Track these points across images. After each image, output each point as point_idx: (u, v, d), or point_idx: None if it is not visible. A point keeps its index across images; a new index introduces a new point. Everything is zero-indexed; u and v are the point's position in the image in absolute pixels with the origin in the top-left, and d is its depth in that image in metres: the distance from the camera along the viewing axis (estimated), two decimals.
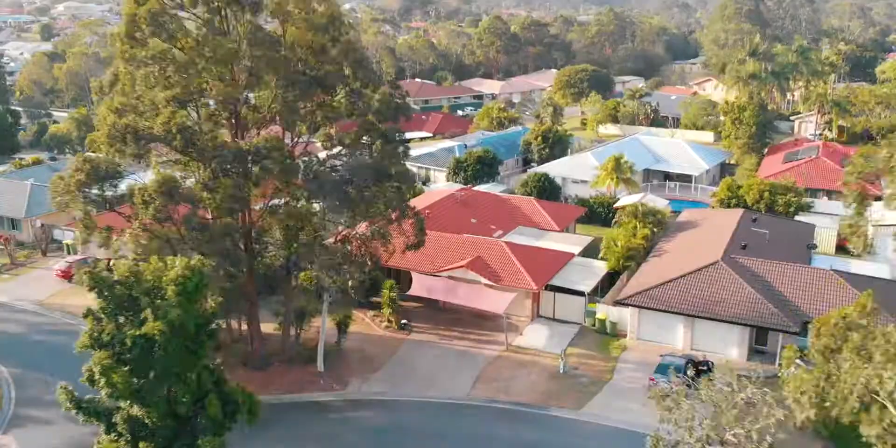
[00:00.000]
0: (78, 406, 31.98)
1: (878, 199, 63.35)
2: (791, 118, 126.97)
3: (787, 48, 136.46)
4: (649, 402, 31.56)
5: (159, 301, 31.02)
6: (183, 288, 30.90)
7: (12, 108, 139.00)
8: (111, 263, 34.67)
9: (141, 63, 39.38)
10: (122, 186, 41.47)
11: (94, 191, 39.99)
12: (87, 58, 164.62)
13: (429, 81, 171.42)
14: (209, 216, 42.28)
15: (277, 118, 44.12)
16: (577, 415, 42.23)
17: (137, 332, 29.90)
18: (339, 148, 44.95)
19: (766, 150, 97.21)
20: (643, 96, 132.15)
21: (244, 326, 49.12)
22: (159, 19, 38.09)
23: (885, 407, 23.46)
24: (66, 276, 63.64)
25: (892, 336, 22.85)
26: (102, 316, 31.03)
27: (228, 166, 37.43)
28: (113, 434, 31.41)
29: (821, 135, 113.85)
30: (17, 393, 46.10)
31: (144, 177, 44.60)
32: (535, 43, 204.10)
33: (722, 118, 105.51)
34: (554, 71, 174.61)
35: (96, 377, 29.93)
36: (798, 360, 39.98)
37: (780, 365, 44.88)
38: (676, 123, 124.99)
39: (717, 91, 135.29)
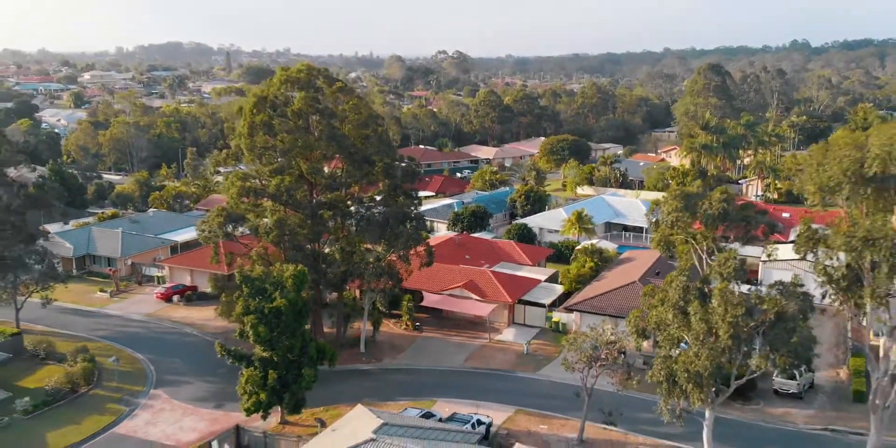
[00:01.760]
0: (228, 353, 53.76)
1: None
2: (739, 182, 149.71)
3: (735, 123, 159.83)
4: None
5: (278, 291, 53.29)
6: (294, 281, 53.19)
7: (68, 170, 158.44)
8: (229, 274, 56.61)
9: (255, 149, 62.25)
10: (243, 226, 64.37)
11: (227, 229, 62.56)
12: (128, 126, 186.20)
13: (431, 147, 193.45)
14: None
15: (335, 181, 67.09)
16: (534, 375, 64.07)
17: (271, 305, 51.99)
18: (371, 202, 67.72)
19: None
20: (614, 163, 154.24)
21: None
22: (269, 123, 61.28)
23: (665, 326, 45.64)
24: (164, 297, 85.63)
25: (670, 292, 45.29)
26: (248, 297, 53.13)
27: (316, 212, 60.16)
28: (251, 367, 53.11)
29: (762, 195, 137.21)
30: (155, 367, 67.59)
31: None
32: (526, 113, 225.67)
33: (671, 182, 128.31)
34: (543, 139, 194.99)
35: (247, 330, 51.91)
36: None
37: None
38: (642, 186, 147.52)
39: (678, 158, 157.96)
